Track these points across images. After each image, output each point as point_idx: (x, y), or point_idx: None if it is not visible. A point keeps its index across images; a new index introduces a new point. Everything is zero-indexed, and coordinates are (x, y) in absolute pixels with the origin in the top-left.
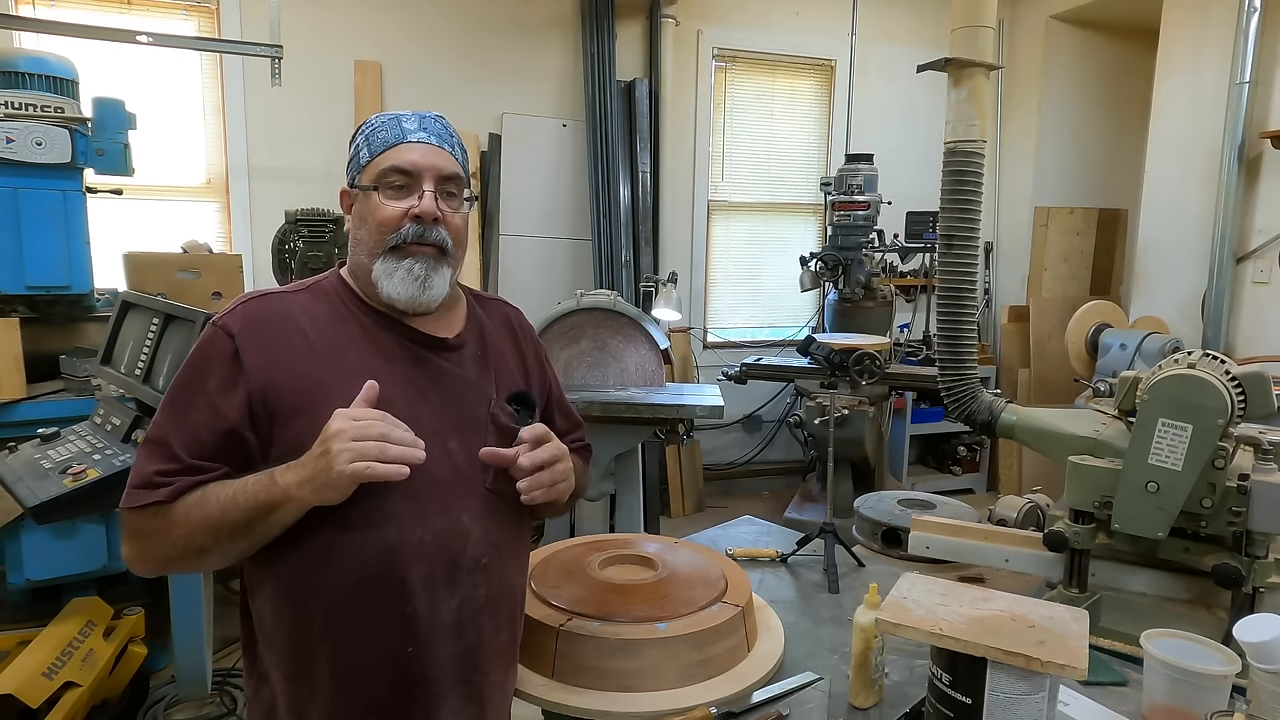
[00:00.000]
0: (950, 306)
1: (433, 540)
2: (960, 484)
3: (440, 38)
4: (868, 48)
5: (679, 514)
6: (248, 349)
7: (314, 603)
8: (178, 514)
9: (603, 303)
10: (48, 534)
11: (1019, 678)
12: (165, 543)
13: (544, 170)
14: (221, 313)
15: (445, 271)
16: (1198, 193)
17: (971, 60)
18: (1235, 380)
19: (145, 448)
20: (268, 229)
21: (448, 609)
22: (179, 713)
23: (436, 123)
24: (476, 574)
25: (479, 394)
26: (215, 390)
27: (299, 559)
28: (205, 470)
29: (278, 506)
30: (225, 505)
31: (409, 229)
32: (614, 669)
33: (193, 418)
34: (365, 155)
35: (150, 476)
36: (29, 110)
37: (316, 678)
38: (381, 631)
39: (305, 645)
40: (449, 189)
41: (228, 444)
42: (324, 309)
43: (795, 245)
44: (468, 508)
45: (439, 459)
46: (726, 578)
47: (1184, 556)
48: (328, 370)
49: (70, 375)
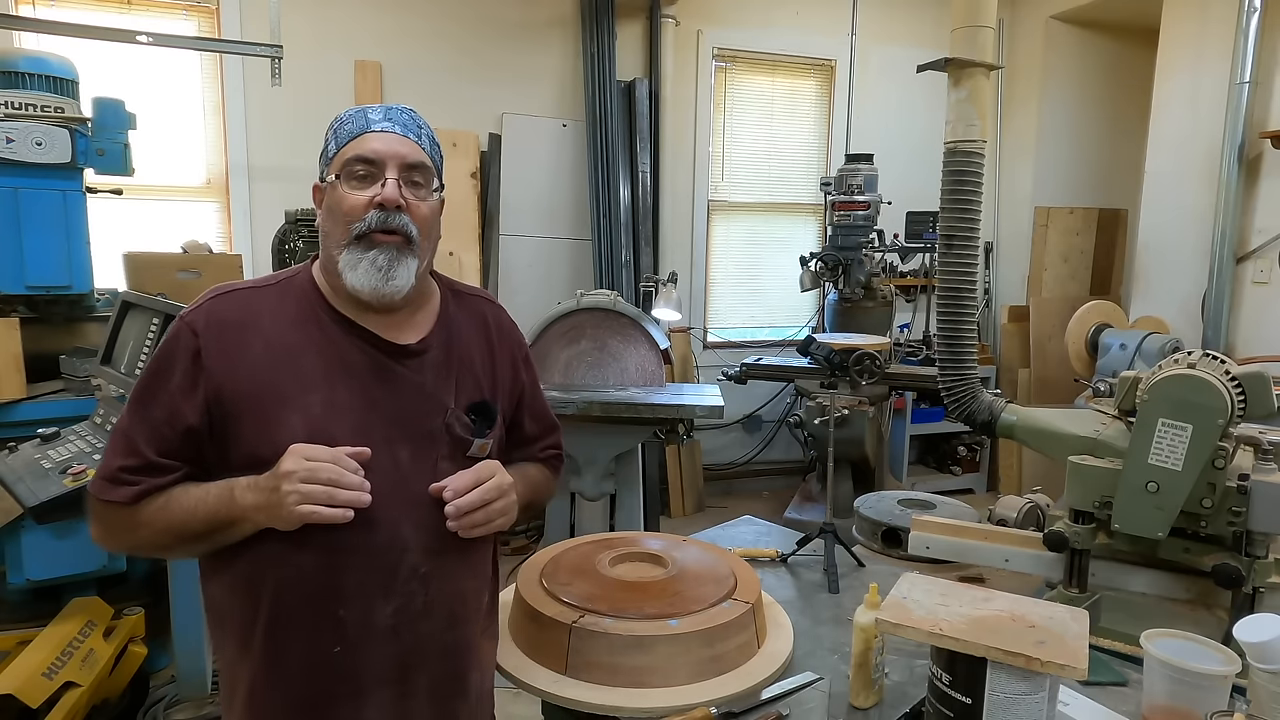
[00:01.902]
0: (950, 306)
1: (369, 548)
2: (960, 484)
3: (440, 38)
4: (867, 48)
5: (679, 514)
6: (209, 350)
7: (258, 597)
8: (142, 516)
9: (603, 303)
10: (48, 534)
11: (1019, 678)
12: (129, 536)
13: (544, 170)
14: (189, 307)
15: (410, 263)
16: (1198, 193)
17: (971, 60)
18: (1235, 380)
19: (113, 439)
20: (268, 229)
21: (383, 614)
22: (179, 713)
23: (404, 114)
24: (413, 582)
25: (435, 404)
26: (176, 389)
27: (248, 556)
28: (167, 470)
29: (235, 523)
30: (186, 515)
31: (373, 216)
32: (626, 665)
33: (155, 414)
34: (333, 148)
35: (115, 471)
36: (29, 110)
37: (248, 664)
38: (314, 631)
39: (249, 634)
40: (415, 178)
41: (187, 442)
42: (290, 308)
43: (795, 245)
44: (410, 517)
45: (386, 469)
46: (736, 575)
47: (1184, 556)
48: (284, 375)
49: (70, 375)
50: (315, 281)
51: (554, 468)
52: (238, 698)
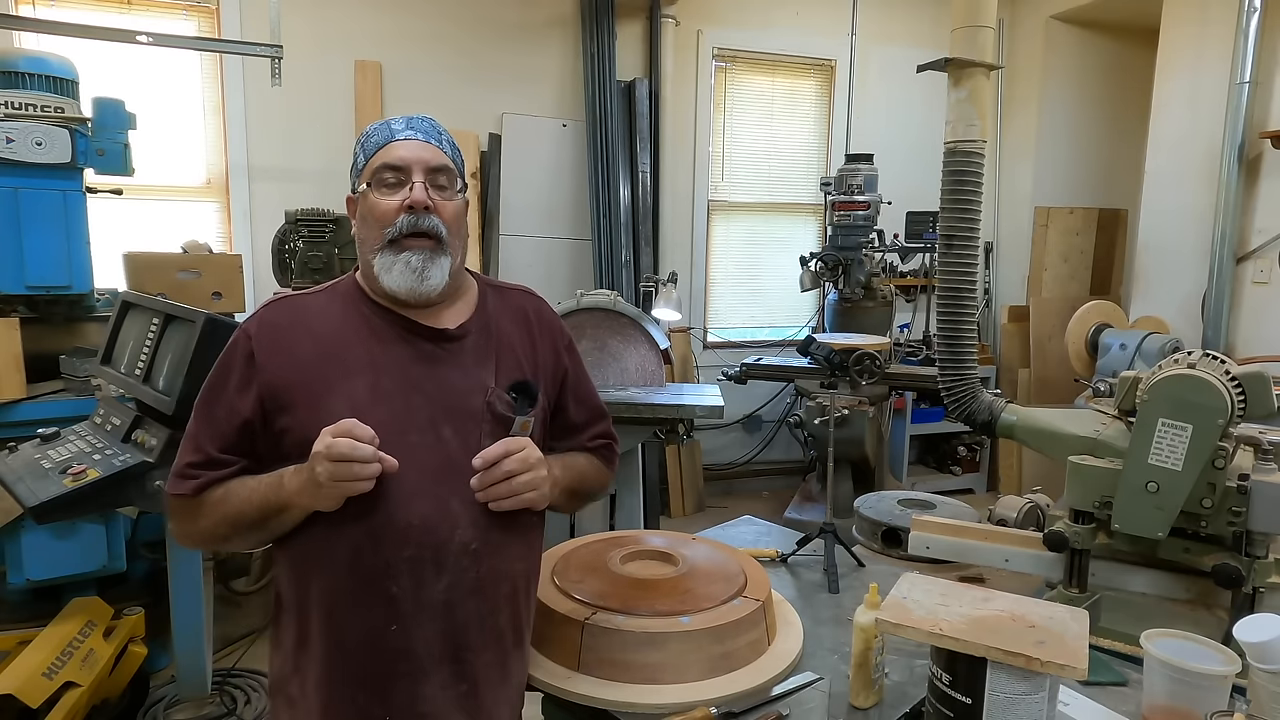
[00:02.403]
0: (950, 306)
1: (420, 524)
2: (960, 484)
3: (440, 38)
4: (867, 48)
5: (679, 514)
6: (261, 348)
7: (314, 577)
8: (204, 507)
9: (603, 303)
10: (48, 534)
11: (1019, 678)
12: (195, 527)
13: (544, 170)
14: (247, 318)
15: (443, 261)
16: (1198, 193)
17: (971, 60)
18: (1235, 380)
19: (183, 442)
20: (268, 229)
21: (435, 590)
22: (179, 713)
23: (424, 121)
24: (465, 558)
25: (476, 383)
26: (234, 389)
27: (305, 537)
28: (228, 464)
29: (285, 509)
30: (242, 504)
31: (404, 220)
32: (638, 661)
33: (217, 414)
34: (361, 160)
35: (183, 468)
36: (29, 110)
37: (313, 647)
38: (368, 609)
39: (306, 616)
40: (439, 180)
41: (244, 435)
42: (336, 308)
43: (795, 245)
44: (458, 493)
45: (431, 447)
46: (746, 573)
47: (1184, 556)
48: (330, 365)
49: (70, 375)
50: (359, 284)
51: (605, 458)
52: (309, 682)
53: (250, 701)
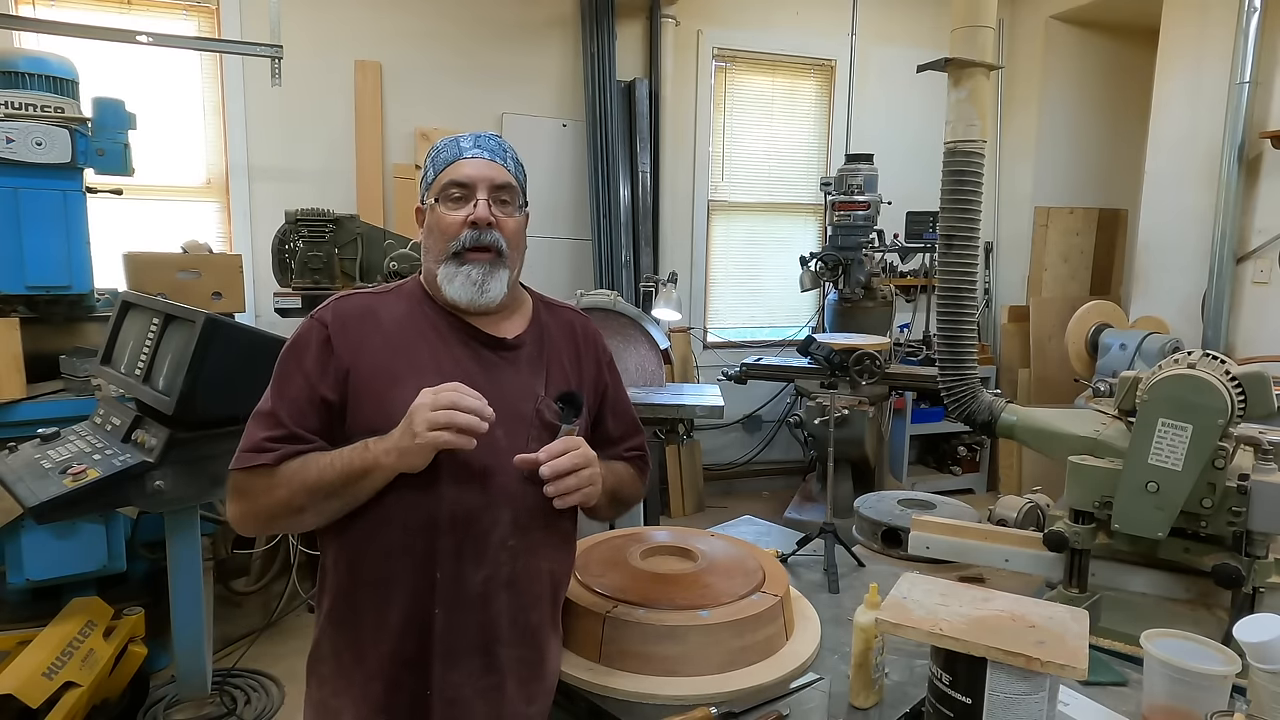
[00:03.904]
0: (950, 306)
1: (466, 516)
2: (960, 484)
3: (440, 38)
4: (867, 48)
5: (679, 514)
6: (337, 337)
7: (362, 560)
8: (281, 477)
9: (603, 303)
10: (48, 534)
11: (1019, 678)
12: (269, 500)
13: (544, 170)
14: (316, 310)
15: (502, 274)
16: (1198, 193)
17: (971, 60)
18: (1235, 380)
19: (254, 419)
20: (268, 229)
21: (473, 581)
22: (179, 713)
23: (491, 140)
24: (502, 553)
25: (528, 391)
26: (311, 368)
27: (360, 521)
28: (305, 440)
29: (369, 472)
30: (323, 469)
31: (467, 235)
32: (659, 654)
33: (293, 391)
34: (430, 175)
35: (259, 442)
36: (29, 110)
37: (353, 625)
38: (411, 593)
39: (350, 595)
40: (503, 197)
41: (322, 415)
42: (402, 308)
43: (795, 245)
44: (504, 490)
45: (484, 445)
46: (764, 569)
47: (1184, 556)
48: (398, 361)
49: (70, 375)
50: (424, 287)
51: (639, 468)
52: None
53: (250, 701)
